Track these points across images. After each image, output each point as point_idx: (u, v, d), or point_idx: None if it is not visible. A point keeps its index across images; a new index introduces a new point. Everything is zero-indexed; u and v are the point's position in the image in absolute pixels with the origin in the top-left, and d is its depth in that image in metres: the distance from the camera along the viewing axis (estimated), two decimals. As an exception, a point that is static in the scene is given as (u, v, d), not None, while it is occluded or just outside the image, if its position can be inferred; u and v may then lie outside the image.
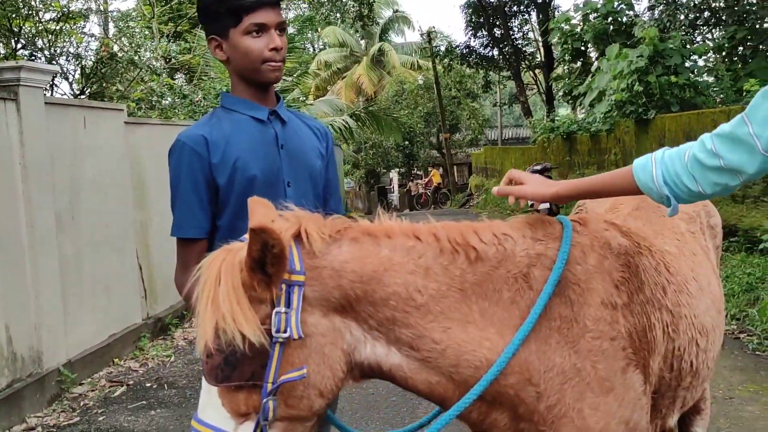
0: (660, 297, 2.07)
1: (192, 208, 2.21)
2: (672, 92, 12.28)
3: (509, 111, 42.59)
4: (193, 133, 2.22)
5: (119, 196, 6.98)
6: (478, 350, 1.73)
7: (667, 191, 1.79)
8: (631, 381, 1.88)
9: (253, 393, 1.56)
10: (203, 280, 1.58)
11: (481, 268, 1.79)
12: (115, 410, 5.58)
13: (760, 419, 4.94)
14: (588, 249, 1.95)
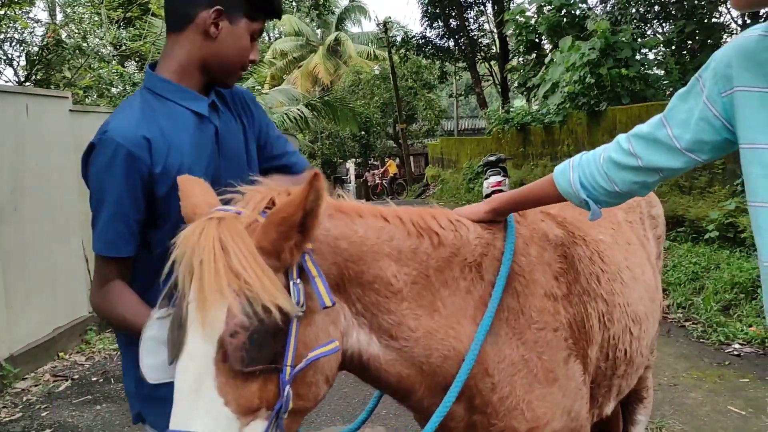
0: (595, 286, 2.09)
1: (129, 222, 1.83)
2: (623, 85, 12.47)
3: (465, 102, 42.78)
4: (131, 133, 1.79)
5: (64, 187, 6.82)
6: (446, 339, 1.71)
7: (585, 194, 1.81)
8: (573, 371, 1.90)
9: (269, 381, 1.38)
10: (193, 253, 1.37)
11: (442, 253, 1.76)
12: (59, 405, 5.46)
13: (703, 405, 5.07)
14: (529, 241, 1.97)
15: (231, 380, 1.34)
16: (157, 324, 1.55)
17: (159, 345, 1.53)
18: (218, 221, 1.41)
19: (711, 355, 6.12)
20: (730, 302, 7.05)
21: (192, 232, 1.40)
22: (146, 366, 1.56)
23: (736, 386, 5.39)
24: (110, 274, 1.86)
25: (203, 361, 1.34)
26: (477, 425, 1.81)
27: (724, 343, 6.34)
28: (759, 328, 6.32)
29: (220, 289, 1.33)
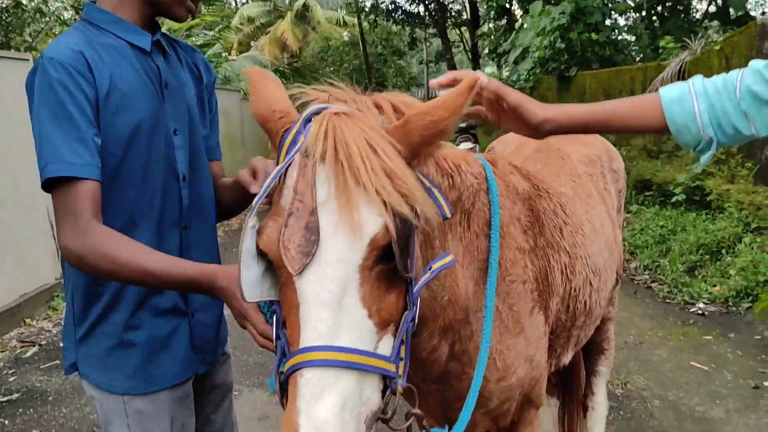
0: (558, 239, 2.11)
1: (84, 136, 1.64)
2: (593, 50, 12.54)
3: (435, 69, 42.59)
4: (65, 49, 1.67)
5: (27, 151, 6.66)
6: (451, 283, 1.68)
7: (712, 132, 1.47)
8: (536, 322, 1.93)
9: (401, 294, 1.30)
10: (338, 148, 1.25)
11: (452, 196, 1.70)
12: (27, 370, 5.41)
13: (667, 362, 5.18)
14: (504, 193, 1.95)
15: (375, 290, 1.25)
16: (250, 234, 1.35)
17: (252, 258, 1.36)
18: (351, 117, 1.29)
19: (676, 315, 6.24)
20: (695, 263, 7.18)
21: (327, 126, 1.27)
22: (245, 282, 1.36)
23: (700, 343, 5.52)
24: (78, 206, 1.63)
25: (348, 269, 1.22)
26: (451, 374, 1.82)
27: (689, 302, 6.48)
28: (722, 287, 6.44)
29: (377, 188, 1.22)
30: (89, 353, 1.86)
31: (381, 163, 1.24)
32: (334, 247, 1.22)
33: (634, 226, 8.67)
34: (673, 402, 4.53)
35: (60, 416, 4.63)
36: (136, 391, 1.86)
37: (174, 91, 1.88)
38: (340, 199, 1.22)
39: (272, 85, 1.53)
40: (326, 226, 1.22)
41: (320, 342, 1.19)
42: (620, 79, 10.73)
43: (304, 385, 1.17)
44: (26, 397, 4.96)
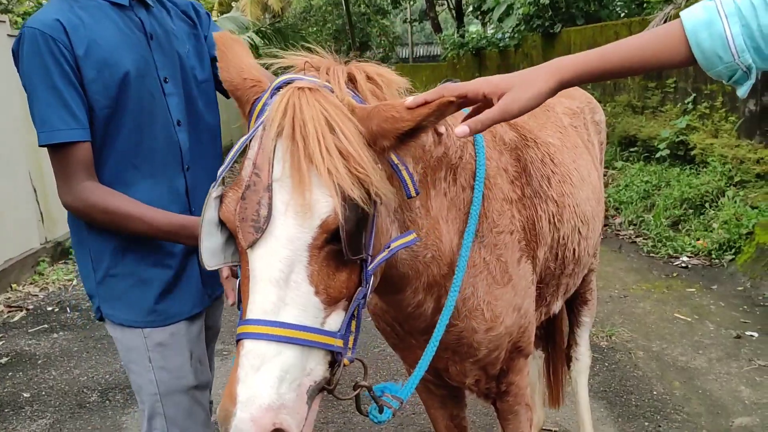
0: (546, 188, 2.11)
1: (68, 104, 1.80)
2: (577, 5, 12.43)
3: (420, 28, 42.16)
4: (45, 18, 1.82)
5: (6, 115, 6.59)
6: (433, 239, 1.68)
7: (750, 58, 1.23)
8: (524, 271, 1.93)
9: (353, 272, 1.32)
10: (295, 126, 1.25)
11: (438, 152, 1.69)
12: (15, 335, 5.41)
13: (651, 314, 5.26)
14: (491, 144, 1.94)
15: (323, 269, 1.26)
16: (213, 204, 1.40)
17: (215, 227, 1.42)
18: (314, 93, 1.28)
19: (660, 268, 6.31)
20: (679, 218, 7.24)
21: (288, 102, 1.27)
22: (205, 249, 1.42)
23: (683, 296, 5.59)
24: (72, 167, 1.83)
25: (297, 247, 1.24)
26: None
27: (673, 256, 6.55)
28: (706, 240, 6.51)
29: (330, 169, 1.22)
30: (109, 293, 2.02)
31: (337, 144, 1.24)
32: (284, 225, 1.23)
33: (619, 182, 8.71)
34: (657, 353, 4.60)
35: (50, 379, 4.65)
36: (157, 324, 2.03)
37: (161, 41, 1.99)
38: (293, 178, 1.23)
39: (242, 51, 1.53)
40: (279, 203, 1.24)
41: (263, 316, 1.22)
42: (605, 35, 10.67)
43: (245, 356, 1.21)
44: (15, 360, 4.97)
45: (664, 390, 4.11)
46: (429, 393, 2.31)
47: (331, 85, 1.35)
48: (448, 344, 1.85)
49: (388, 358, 4.65)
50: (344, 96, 1.34)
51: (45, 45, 1.78)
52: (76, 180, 1.84)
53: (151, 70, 1.94)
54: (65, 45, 1.80)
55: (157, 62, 1.96)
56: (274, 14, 32.13)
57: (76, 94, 1.82)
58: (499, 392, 2.07)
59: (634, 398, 4.06)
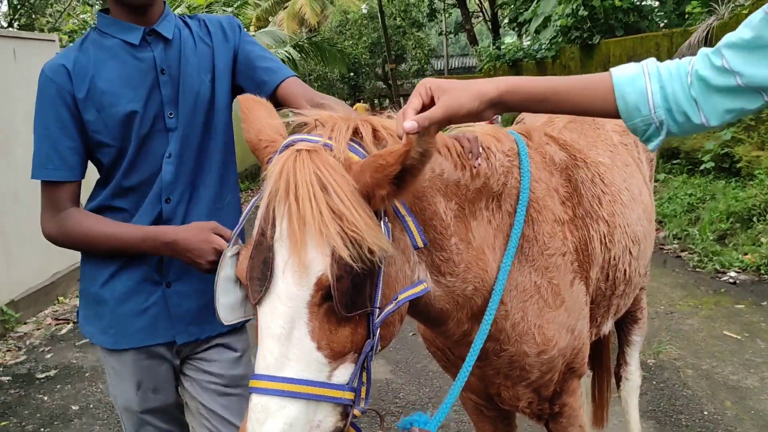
0: (597, 208, 2.09)
1: (57, 146, 1.93)
2: (616, 16, 12.33)
3: (455, 40, 42.25)
4: (54, 63, 1.95)
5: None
6: (476, 270, 1.68)
7: (664, 116, 1.38)
8: (577, 292, 1.92)
9: (360, 324, 1.34)
10: (289, 188, 1.29)
11: (477, 184, 1.70)
12: (63, 348, 5.52)
13: (699, 331, 5.16)
14: (540, 166, 1.93)
15: (324, 324, 1.29)
16: (230, 262, 1.51)
17: (232, 284, 1.52)
18: (311, 155, 1.32)
19: (707, 284, 6.19)
20: (725, 232, 7.10)
21: (284, 166, 1.31)
22: (222, 306, 1.53)
23: (732, 312, 5.48)
24: (56, 202, 1.96)
25: (297, 304, 1.28)
26: (489, 351, 1.82)
27: (720, 271, 6.42)
28: (754, 255, 6.38)
29: (322, 229, 1.25)
30: (82, 306, 2.15)
31: (330, 203, 1.27)
32: (284, 283, 1.28)
33: (662, 195, 8.59)
34: (707, 371, 4.51)
35: (97, 392, 4.72)
36: (106, 345, 2.07)
37: (172, 75, 2.00)
38: (291, 238, 1.27)
39: (262, 110, 1.60)
40: (279, 262, 1.29)
41: (267, 371, 1.27)
42: (645, 46, 10.58)
43: (251, 410, 1.27)
44: (63, 373, 5.06)
45: (715, 410, 4.03)
46: (480, 414, 2.30)
47: (333, 142, 1.38)
48: (499, 369, 1.85)
49: (431, 375, 4.63)
50: (342, 153, 1.36)
51: (48, 89, 1.93)
52: (58, 212, 1.96)
53: (155, 107, 1.98)
54: (67, 90, 1.92)
55: (164, 97, 1.99)
56: (310, 28, 32.42)
57: (68, 138, 1.93)
58: (552, 413, 2.05)
59: (684, 418, 3.98)
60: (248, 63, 2.11)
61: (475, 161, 1.68)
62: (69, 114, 1.93)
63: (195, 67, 2.05)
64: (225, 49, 2.12)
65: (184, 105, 2.01)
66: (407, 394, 4.45)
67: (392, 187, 1.33)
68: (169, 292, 2.04)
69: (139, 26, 1.98)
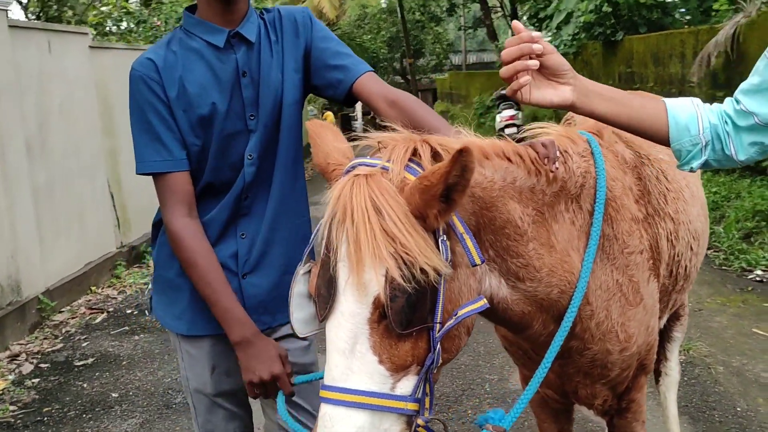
0: (663, 205, 2.12)
1: (161, 138, 1.96)
2: (640, 13, 12.27)
3: (472, 35, 42.12)
4: (142, 59, 1.99)
5: (87, 123, 6.83)
6: (562, 274, 1.71)
7: (710, 137, 1.55)
8: (652, 289, 1.95)
9: (420, 338, 1.39)
10: (345, 213, 1.37)
11: (554, 188, 1.74)
12: (98, 336, 5.60)
13: (728, 328, 5.17)
14: (615, 164, 1.96)
15: (385, 339, 1.36)
16: (302, 279, 1.61)
17: (306, 299, 1.61)
18: (367, 179, 1.39)
19: (734, 282, 6.20)
20: (751, 230, 7.10)
21: (342, 191, 1.39)
22: (296, 320, 1.62)
23: (760, 310, 5.49)
24: (166, 193, 1.98)
25: (358, 321, 1.35)
26: (572, 350, 1.85)
27: (747, 269, 6.42)
28: (781, 254, 6.38)
29: (376, 252, 1.32)
30: (156, 290, 2.21)
31: (384, 225, 1.33)
32: (345, 301, 1.36)
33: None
34: (738, 368, 4.53)
35: (135, 380, 4.80)
36: (180, 331, 2.13)
37: (253, 77, 2.04)
38: (349, 260, 1.35)
39: (329, 135, 1.68)
40: (341, 281, 1.37)
41: (333, 383, 1.35)
42: (670, 43, 10.54)
43: (321, 418, 1.36)
44: (101, 361, 5.14)
45: (747, 407, 4.05)
46: (544, 407, 2.33)
47: (390, 165, 1.44)
48: (580, 368, 1.88)
49: (463, 368, 4.67)
50: (398, 176, 1.42)
51: (141, 84, 1.96)
52: (169, 206, 1.98)
53: (237, 109, 2.02)
54: (158, 82, 1.96)
55: (245, 99, 2.02)
56: (329, 22, 32.38)
57: (168, 129, 1.96)
58: (619, 409, 2.08)
59: (717, 414, 4.01)
60: (322, 61, 2.12)
61: (552, 166, 1.72)
62: (165, 107, 1.96)
63: (273, 68, 2.07)
64: (296, 46, 2.13)
65: (264, 106, 2.04)
66: (441, 386, 4.49)
67: (442, 205, 1.37)
68: (244, 283, 2.09)
69: (223, 28, 2.00)
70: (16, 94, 5.60)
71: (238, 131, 2.03)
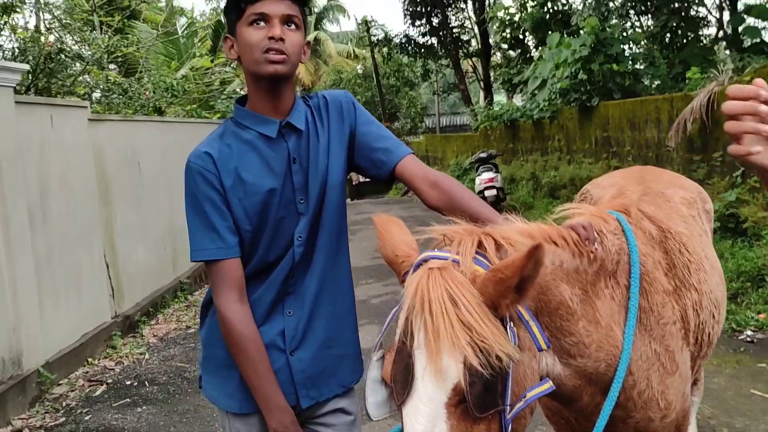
0: (687, 276, 2.26)
1: (215, 227, 2.06)
2: (614, 80, 12.72)
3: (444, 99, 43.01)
4: (199, 152, 2.10)
5: (85, 193, 6.89)
6: (608, 348, 1.84)
7: None
8: (685, 357, 2.08)
9: (493, 420, 1.48)
10: (423, 303, 1.48)
11: (595, 267, 1.88)
12: (100, 409, 5.54)
13: (727, 390, 5.27)
14: (644, 240, 2.11)
15: (461, 422, 1.44)
16: (376, 365, 1.70)
17: (379, 384, 1.69)
18: (441, 272, 1.50)
19: (726, 342, 6.33)
20: (737, 291, 7.27)
21: (419, 284, 1.50)
22: (370, 404, 1.71)
23: (755, 371, 5.61)
24: (218, 279, 2.08)
25: (436, 406, 1.44)
26: (617, 419, 1.96)
27: (737, 330, 6.57)
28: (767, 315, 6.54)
29: (454, 341, 1.42)
30: (206, 370, 2.28)
31: (460, 316, 1.44)
32: (424, 387, 1.45)
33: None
34: (741, 430, 4.62)
35: (142, 453, 4.75)
36: (232, 409, 2.19)
37: (302, 163, 2.15)
38: (428, 348, 1.44)
39: (395, 228, 1.82)
40: (419, 368, 1.46)
41: None
42: (645, 109, 10.92)
43: None
44: (105, 435, 5.08)
45: (755, 467, 4.13)
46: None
47: (460, 257, 1.57)
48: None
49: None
50: (469, 268, 1.55)
51: (198, 177, 2.07)
52: (221, 292, 2.08)
53: (288, 194, 2.13)
54: (215, 174, 2.07)
55: (295, 184, 2.14)
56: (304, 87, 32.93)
57: (222, 218, 2.07)
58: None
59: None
60: (366, 144, 2.25)
61: (592, 246, 1.86)
62: (220, 197, 2.07)
63: (320, 152, 2.19)
64: (341, 130, 2.24)
65: (312, 190, 2.15)
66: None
67: (514, 295, 1.50)
68: (292, 360, 2.17)
69: (274, 119, 2.12)
70: (20, 166, 5.67)
71: (289, 214, 2.13)
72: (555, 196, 14.17)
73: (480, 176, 14.89)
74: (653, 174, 3.11)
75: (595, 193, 3.03)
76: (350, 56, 36.21)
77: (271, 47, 2.01)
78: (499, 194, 14.55)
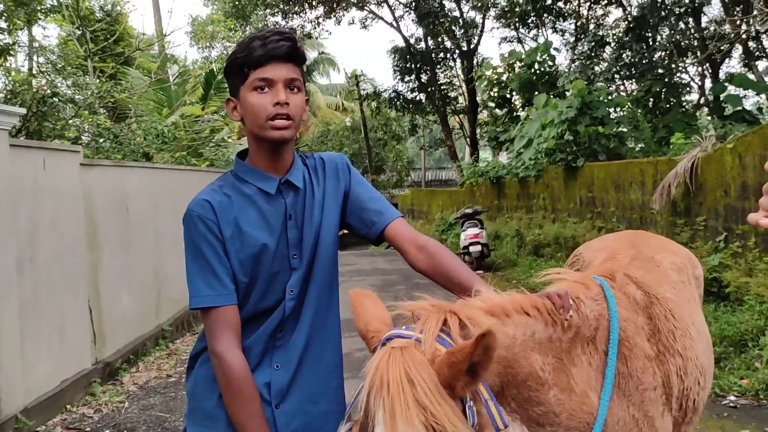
0: (672, 342, 2.31)
1: (216, 273, 2.10)
2: (599, 141, 12.98)
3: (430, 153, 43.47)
4: (198, 199, 2.15)
5: (74, 237, 6.88)
6: (581, 416, 1.88)
7: None
8: (666, 423, 2.12)
9: None
10: (382, 383, 1.53)
11: (570, 334, 1.92)
12: (78, 458, 5.45)
13: (710, 454, 5.28)
14: (627, 306, 2.16)
15: None
16: None
17: None
18: (402, 352, 1.57)
19: (709, 407, 6.32)
20: (720, 355, 7.31)
21: (379, 363, 1.57)
22: None
23: (739, 437, 5.62)
24: (213, 326, 2.09)
25: None
26: None
27: (720, 395, 6.59)
28: (751, 380, 6.58)
29: (409, 420, 1.47)
30: (192, 423, 2.26)
31: (416, 396, 1.49)
32: None
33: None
34: (726, 495, 4.62)
35: (119, 504, 4.66)
36: None
37: (297, 220, 2.21)
38: (385, 426, 1.49)
39: (369, 303, 1.88)
40: None
41: None
42: (630, 171, 11.11)
43: None
44: (82, 484, 4.98)
45: None
46: None
47: (423, 336, 1.64)
48: None
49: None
50: (430, 348, 1.61)
51: (199, 223, 2.11)
52: (221, 337, 2.08)
53: (282, 249, 2.18)
54: (214, 222, 2.11)
55: (290, 240, 2.19)
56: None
57: (222, 264, 2.10)
58: None
59: None
60: (359, 204, 2.33)
61: (567, 314, 1.91)
62: (220, 245, 2.10)
63: (315, 210, 2.26)
64: (337, 189, 2.33)
65: (306, 246, 2.21)
66: None
67: (468, 378, 1.55)
68: (277, 413, 2.19)
69: (274, 176, 2.18)
70: (12, 208, 5.67)
71: (283, 269, 2.18)
72: (539, 254, 14.29)
73: (465, 232, 15.02)
74: (644, 238, 3.18)
75: (586, 256, 3.09)
76: (339, 108, 36.67)
77: (277, 113, 2.06)
78: (483, 250, 14.69)
